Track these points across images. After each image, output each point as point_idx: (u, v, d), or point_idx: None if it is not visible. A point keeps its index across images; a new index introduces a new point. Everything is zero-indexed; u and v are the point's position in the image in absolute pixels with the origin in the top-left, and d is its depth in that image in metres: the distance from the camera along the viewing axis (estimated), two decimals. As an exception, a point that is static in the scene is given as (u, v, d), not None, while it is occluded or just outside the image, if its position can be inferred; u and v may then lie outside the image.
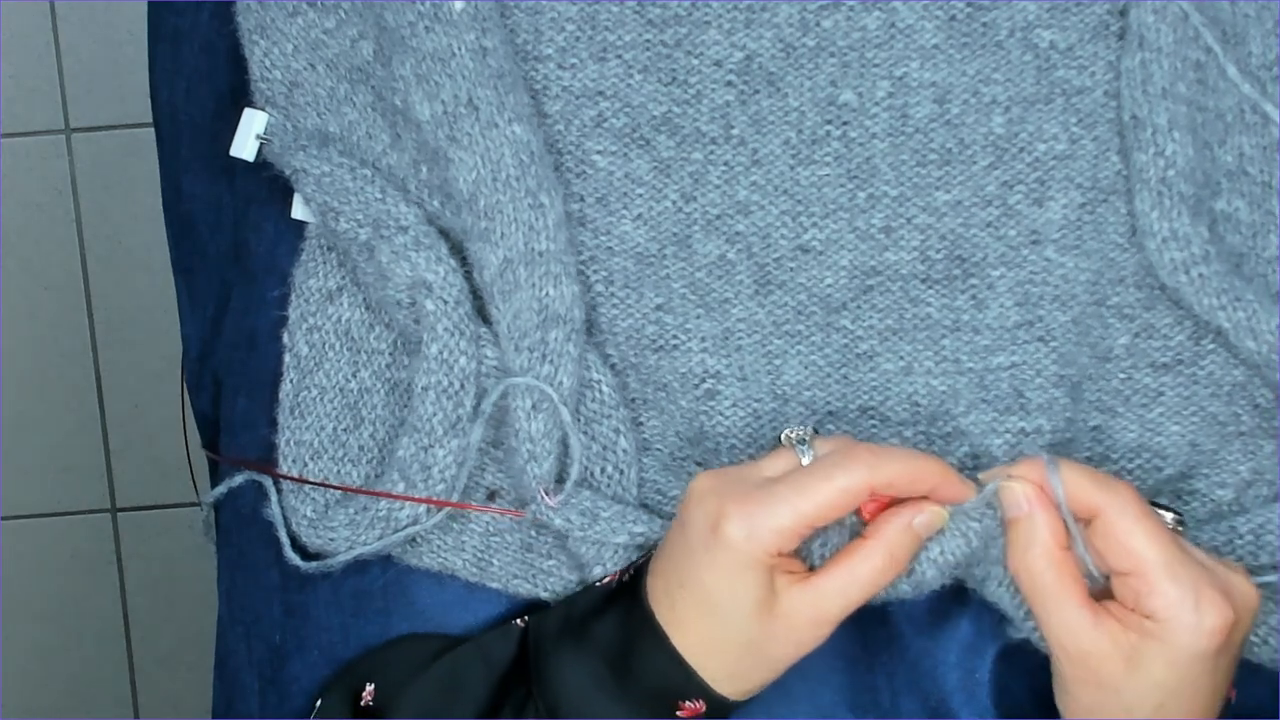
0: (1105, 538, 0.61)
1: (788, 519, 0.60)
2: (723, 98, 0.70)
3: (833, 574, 0.61)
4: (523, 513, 0.68)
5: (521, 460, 0.67)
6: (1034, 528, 0.61)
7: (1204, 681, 0.60)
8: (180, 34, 0.78)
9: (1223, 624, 0.59)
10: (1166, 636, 0.59)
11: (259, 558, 0.73)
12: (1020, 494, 0.62)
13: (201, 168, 0.78)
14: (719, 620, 0.61)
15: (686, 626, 0.62)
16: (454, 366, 0.67)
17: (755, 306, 0.69)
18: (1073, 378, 0.68)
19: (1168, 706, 0.59)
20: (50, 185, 1.55)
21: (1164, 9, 0.67)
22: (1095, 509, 0.61)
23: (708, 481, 0.62)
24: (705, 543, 0.61)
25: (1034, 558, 0.61)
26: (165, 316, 1.29)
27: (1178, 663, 0.59)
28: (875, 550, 0.61)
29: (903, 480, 0.61)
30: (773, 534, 0.60)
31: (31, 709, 1.66)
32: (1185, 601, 0.59)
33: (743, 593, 0.60)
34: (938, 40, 0.69)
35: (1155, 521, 0.61)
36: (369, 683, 0.68)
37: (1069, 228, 0.68)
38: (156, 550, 1.64)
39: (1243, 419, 0.69)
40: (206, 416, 0.80)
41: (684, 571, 0.61)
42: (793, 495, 0.60)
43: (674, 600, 0.62)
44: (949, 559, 0.62)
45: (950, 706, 0.68)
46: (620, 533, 0.67)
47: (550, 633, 0.65)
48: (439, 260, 0.68)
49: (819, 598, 0.61)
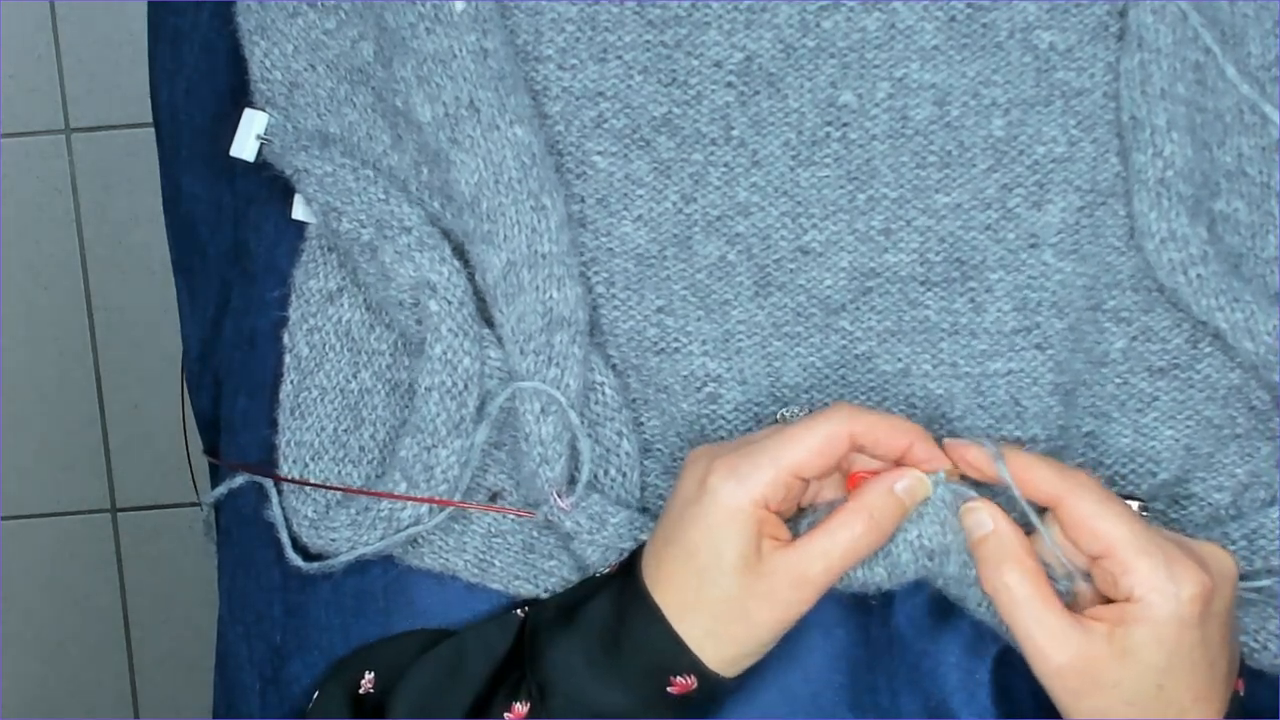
0: (1071, 524, 0.61)
1: (771, 467, 0.61)
2: (723, 99, 0.70)
3: (815, 536, 0.62)
4: (534, 514, 0.69)
5: (534, 464, 0.67)
6: (1000, 542, 0.62)
7: (1197, 655, 0.60)
8: (180, 34, 0.78)
9: (1200, 590, 0.59)
10: (1148, 613, 0.59)
11: (259, 558, 0.73)
12: (983, 513, 0.62)
13: (201, 168, 0.78)
14: (701, 573, 0.61)
15: (670, 583, 0.62)
16: (458, 367, 0.67)
17: (755, 308, 0.69)
18: (1067, 385, 0.68)
19: (1167, 688, 0.59)
20: (50, 185, 1.55)
21: (1163, 10, 0.67)
22: (1054, 496, 0.61)
23: (701, 449, 0.64)
24: (693, 498, 0.62)
25: (1007, 572, 0.61)
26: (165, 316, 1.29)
27: (1165, 639, 0.59)
28: (857, 512, 0.62)
29: (882, 428, 0.62)
30: (759, 483, 0.61)
31: (31, 709, 1.66)
32: (1158, 572, 0.59)
33: (726, 545, 0.61)
34: (938, 41, 0.69)
35: (1119, 503, 0.61)
36: (368, 671, 0.68)
37: (1067, 231, 0.69)
38: (156, 550, 1.64)
39: (1238, 422, 0.69)
40: (206, 416, 0.80)
41: (670, 530, 0.63)
42: (776, 445, 0.62)
43: (660, 559, 0.63)
44: (925, 544, 0.63)
45: (951, 707, 0.68)
46: (627, 539, 0.67)
47: (546, 618, 0.66)
48: (443, 261, 0.68)
49: (801, 558, 0.61)
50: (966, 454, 0.63)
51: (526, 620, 0.67)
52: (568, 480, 0.67)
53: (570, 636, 0.64)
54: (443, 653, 0.67)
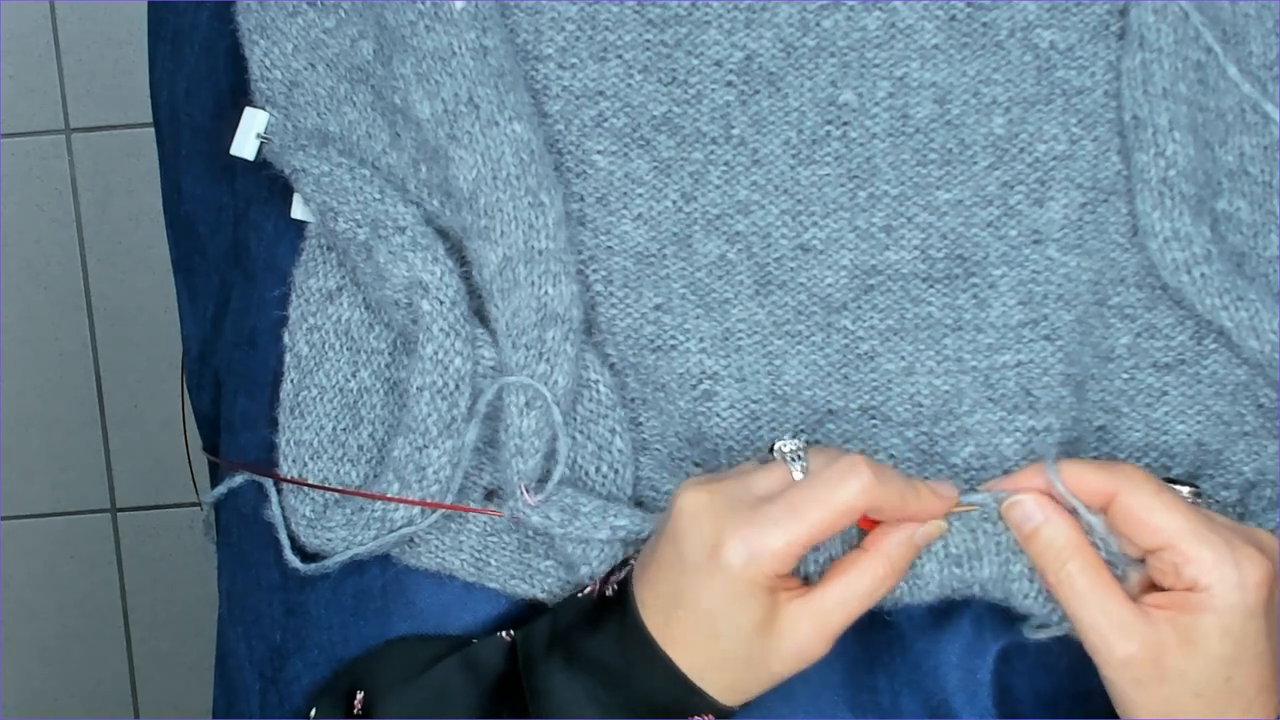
0: (1125, 520, 0.60)
1: (784, 543, 0.60)
2: (723, 98, 0.70)
3: (832, 587, 0.61)
4: (501, 512, 0.68)
5: (507, 455, 0.67)
6: (1055, 534, 0.61)
7: (1262, 645, 0.59)
8: (180, 34, 0.78)
9: (1265, 575, 0.58)
10: (1213, 602, 0.58)
11: (259, 557, 0.73)
12: (1030, 505, 0.61)
13: (201, 168, 0.78)
14: (719, 640, 0.61)
15: (684, 645, 0.61)
16: (449, 367, 0.67)
17: (755, 306, 0.69)
18: (1077, 377, 0.68)
19: (1235, 679, 0.59)
20: (50, 185, 1.55)
21: (1164, 9, 0.67)
22: (1107, 493, 0.61)
23: (699, 498, 0.62)
24: (703, 566, 0.60)
25: (1065, 561, 0.60)
26: (165, 316, 1.29)
27: (1232, 628, 0.58)
28: (876, 562, 0.62)
29: (892, 505, 0.61)
30: (772, 558, 0.60)
31: (31, 709, 1.66)
32: (1223, 560, 0.58)
33: (743, 615, 0.60)
34: (938, 40, 0.69)
35: (1171, 493, 0.61)
36: (359, 690, 0.68)
37: (1070, 227, 0.68)
38: (156, 550, 1.64)
39: (1247, 419, 0.69)
40: (206, 416, 0.80)
41: (680, 591, 0.61)
42: (789, 519, 0.60)
43: (669, 619, 0.62)
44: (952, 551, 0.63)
45: (951, 707, 0.68)
46: (602, 528, 0.66)
47: (539, 648, 0.65)
48: (435, 260, 0.68)
49: (821, 612, 0.61)
50: (1018, 481, 0.63)
51: (515, 646, 0.66)
52: (540, 477, 0.67)
53: (570, 674, 0.63)
54: (427, 681, 0.66)
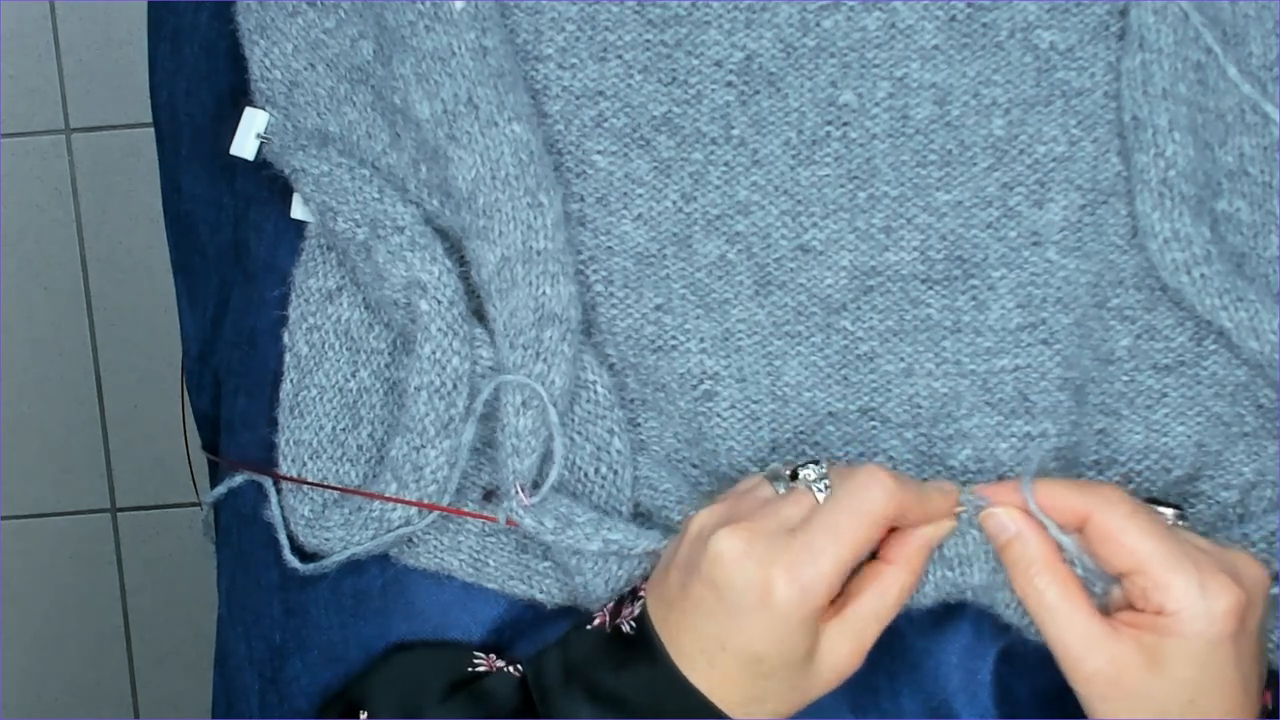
0: (1100, 540, 0.61)
1: (832, 567, 0.60)
2: (723, 98, 0.70)
3: (863, 602, 0.62)
4: (494, 518, 0.68)
5: (504, 455, 0.67)
6: (1025, 546, 0.62)
7: (1230, 673, 0.59)
8: (180, 34, 0.78)
9: (1233, 605, 0.58)
10: (1180, 629, 0.58)
11: (259, 557, 0.73)
12: (1004, 518, 0.62)
13: (201, 168, 0.78)
14: (767, 680, 0.61)
15: (728, 686, 0.61)
16: (446, 367, 0.67)
17: (755, 307, 0.69)
18: (1076, 380, 0.68)
19: (1199, 703, 0.59)
20: (50, 185, 1.55)
21: (1164, 9, 0.67)
22: (1082, 513, 0.61)
23: (736, 543, 0.61)
24: (753, 609, 0.60)
25: (1034, 575, 0.61)
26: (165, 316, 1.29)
27: (1197, 655, 0.58)
28: (900, 569, 0.62)
29: (914, 508, 0.62)
30: (825, 587, 0.60)
31: (31, 709, 1.66)
32: (1190, 589, 0.58)
33: (793, 651, 0.61)
34: (938, 41, 0.69)
35: (1148, 516, 0.61)
36: (363, 711, 0.68)
37: (1069, 229, 0.68)
38: (156, 550, 1.64)
39: (1247, 420, 0.69)
40: (206, 416, 0.80)
41: (725, 636, 0.61)
42: (830, 543, 0.60)
43: (713, 663, 0.61)
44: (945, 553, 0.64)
45: (952, 707, 0.68)
46: (594, 539, 0.66)
47: (554, 680, 0.64)
48: (434, 260, 0.68)
49: (857, 629, 0.62)
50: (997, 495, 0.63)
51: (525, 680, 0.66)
52: (538, 478, 0.67)
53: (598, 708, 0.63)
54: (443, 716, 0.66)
